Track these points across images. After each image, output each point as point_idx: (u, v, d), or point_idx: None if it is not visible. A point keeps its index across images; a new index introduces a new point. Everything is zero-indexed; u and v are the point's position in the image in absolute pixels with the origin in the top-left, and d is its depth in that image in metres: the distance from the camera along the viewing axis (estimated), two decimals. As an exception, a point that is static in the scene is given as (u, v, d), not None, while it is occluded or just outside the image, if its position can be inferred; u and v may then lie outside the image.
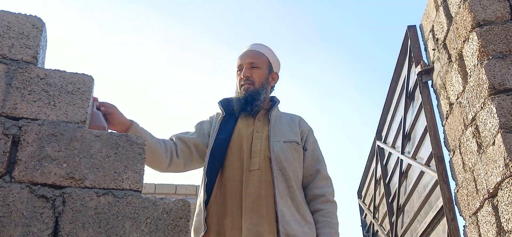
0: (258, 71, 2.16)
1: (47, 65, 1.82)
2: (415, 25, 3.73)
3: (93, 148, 1.53)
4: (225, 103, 2.18)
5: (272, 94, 2.25)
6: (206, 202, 1.92)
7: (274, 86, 2.24)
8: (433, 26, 3.33)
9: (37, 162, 1.45)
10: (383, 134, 5.33)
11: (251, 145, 1.99)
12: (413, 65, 3.76)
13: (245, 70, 2.13)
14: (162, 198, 1.52)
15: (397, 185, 4.63)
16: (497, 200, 2.48)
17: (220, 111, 2.17)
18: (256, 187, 1.90)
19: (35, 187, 1.41)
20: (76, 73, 1.63)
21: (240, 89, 2.14)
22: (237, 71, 2.19)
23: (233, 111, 2.14)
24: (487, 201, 2.59)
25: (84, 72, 1.64)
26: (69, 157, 1.49)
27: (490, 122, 2.49)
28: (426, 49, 3.58)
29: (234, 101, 2.13)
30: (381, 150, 5.41)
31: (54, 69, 1.62)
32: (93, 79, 1.65)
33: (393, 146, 4.84)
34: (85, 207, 1.43)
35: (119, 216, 1.45)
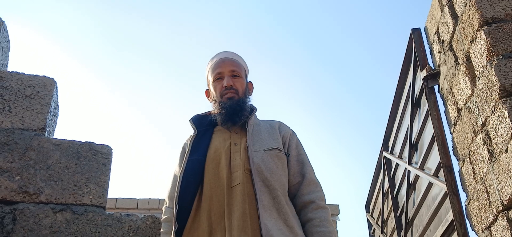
0: (240, 80, 2.05)
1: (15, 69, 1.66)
2: (419, 28, 3.55)
3: (51, 158, 1.36)
4: (197, 120, 2.03)
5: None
6: (178, 232, 1.73)
7: (251, 95, 2.12)
8: (438, 27, 3.14)
9: (-14, 174, 1.28)
10: (390, 144, 5.12)
11: (230, 159, 1.84)
12: (419, 70, 3.56)
13: (228, 79, 2.00)
14: (128, 214, 1.34)
15: (405, 198, 4.41)
16: (512, 213, 2.26)
17: (192, 131, 2.00)
18: (241, 203, 1.74)
19: (-20, 203, 1.24)
20: (36, 75, 1.46)
21: (222, 98, 1.98)
22: (216, 80, 2.04)
23: (207, 127, 1.99)
24: (501, 214, 2.37)
25: (45, 75, 1.48)
26: (23, 168, 1.32)
27: (502, 127, 2.29)
28: (431, 53, 3.39)
29: (218, 112, 1.96)
30: (388, 161, 5.20)
31: (12, 71, 1.45)
32: (55, 81, 1.48)
33: (400, 157, 4.62)
34: (39, 225, 1.26)
35: (78, 236, 1.27)
